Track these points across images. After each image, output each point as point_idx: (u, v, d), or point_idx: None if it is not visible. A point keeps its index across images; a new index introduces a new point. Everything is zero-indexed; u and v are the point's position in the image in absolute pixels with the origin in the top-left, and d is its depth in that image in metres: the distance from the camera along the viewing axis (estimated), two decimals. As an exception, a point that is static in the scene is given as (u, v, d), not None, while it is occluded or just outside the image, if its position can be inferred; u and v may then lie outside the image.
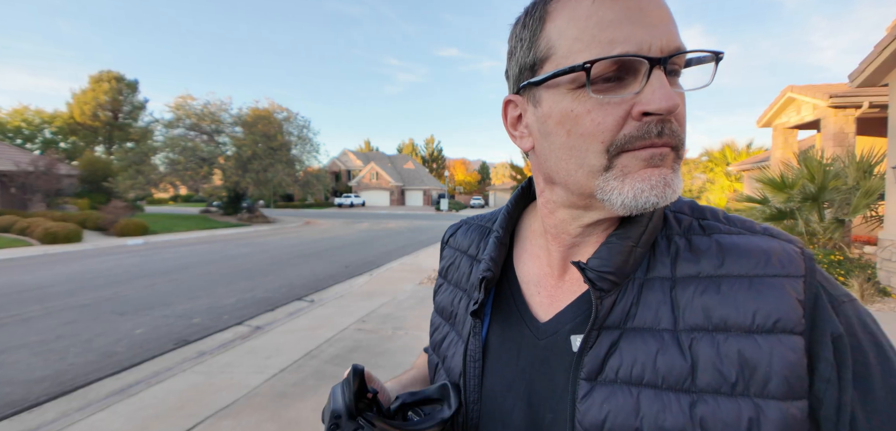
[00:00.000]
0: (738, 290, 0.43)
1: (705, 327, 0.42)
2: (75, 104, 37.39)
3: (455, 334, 0.60)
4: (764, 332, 0.41)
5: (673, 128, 0.42)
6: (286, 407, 3.24)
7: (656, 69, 0.40)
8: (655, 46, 0.40)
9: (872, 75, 6.56)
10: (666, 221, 0.49)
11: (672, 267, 0.46)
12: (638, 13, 0.40)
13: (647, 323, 0.45)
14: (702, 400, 0.41)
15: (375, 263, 10.83)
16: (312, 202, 51.18)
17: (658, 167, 0.42)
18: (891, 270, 6.16)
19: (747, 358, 0.40)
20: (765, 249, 0.44)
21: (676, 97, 0.40)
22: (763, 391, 0.40)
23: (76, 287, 7.85)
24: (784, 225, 8.15)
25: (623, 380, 0.44)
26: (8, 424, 3.20)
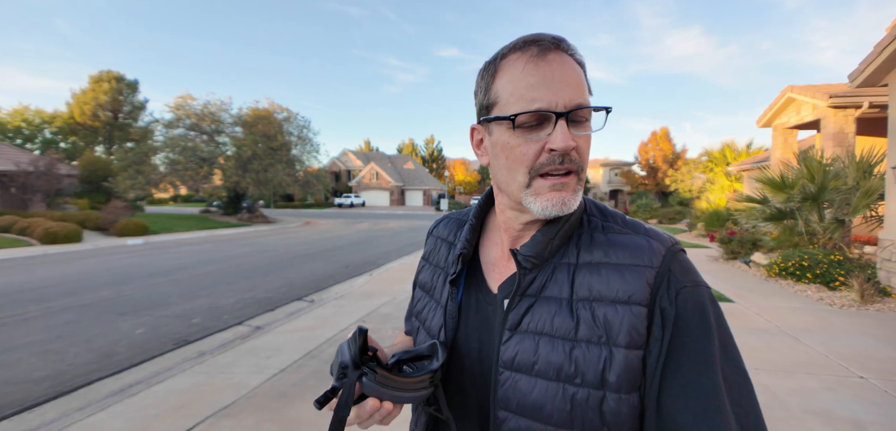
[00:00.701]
0: (611, 274, 0.62)
1: (588, 298, 0.62)
2: (75, 104, 37.36)
3: (434, 302, 0.78)
4: (621, 303, 0.60)
5: (573, 158, 0.61)
6: (286, 407, 3.24)
7: (560, 120, 0.59)
8: (560, 104, 0.59)
9: (872, 75, 6.56)
10: (582, 222, 0.69)
11: (576, 255, 0.66)
12: (550, 80, 0.60)
13: (553, 294, 0.64)
14: (577, 346, 0.60)
15: (375, 263, 10.84)
16: (312, 202, 51.17)
17: (559, 191, 0.62)
18: (891, 270, 6.16)
19: (608, 320, 0.60)
20: (638, 246, 0.63)
21: (574, 139, 0.60)
22: (614, 341, 0.59)
23: (76, 287, 7.86)
24: (784, 226, 8.16)
25: (531, 331, 0.64)
26: (8, 424, 3.20)
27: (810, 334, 4.60)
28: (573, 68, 0.61)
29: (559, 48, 0.61)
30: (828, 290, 6.40)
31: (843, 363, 3.84)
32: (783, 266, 7.05)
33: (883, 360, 3.90)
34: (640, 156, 48.14)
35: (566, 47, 0.62)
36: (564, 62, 0.60)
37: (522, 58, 0.61)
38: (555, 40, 0.61)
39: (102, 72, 37.94)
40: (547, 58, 0.60)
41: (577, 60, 0.63)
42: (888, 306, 5.56)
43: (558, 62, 0.60)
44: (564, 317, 0.62)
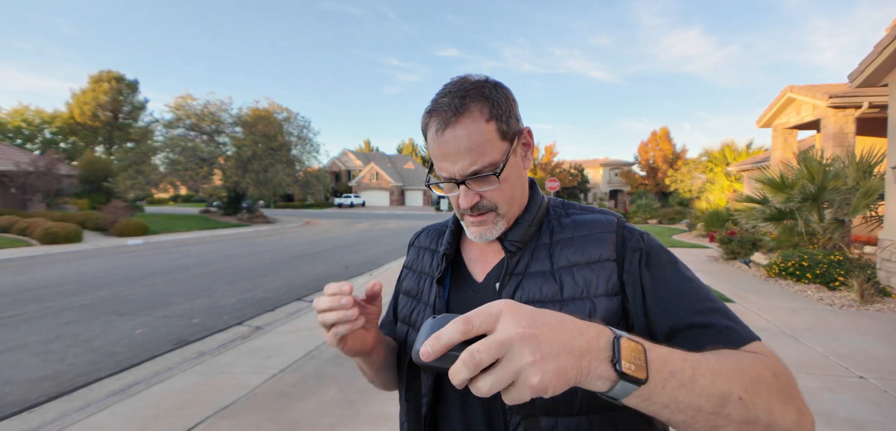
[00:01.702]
0: (581, 243, 0.75)
1: (567, 265, 0.74)
2: (75, 104, 37.36)
3: (422, 305, 0.85)
4: (594, 263, 0.73)
5: (482, 206, 0.75)
6: (286, 407, 3.24)
7: (461, 186, 0.73)
8: (457, 173, 0.72)
9: (872, 75, 6.56)
10: (548, 212, 0.82)
11: (550, 236, 0.78)
12: (446, 155, 0.72)
13: (537, 269, 0.75)
14: (565, 305, 0.70)
15: (375, 263, 10.84)
16: (312, 202, 51.16)
17: (478, 227, 0.76)
18: (891, 270, 6.16)
19: (588, 278, 0.72)
20: (597, 220, 0.78)
21: (476, 195, 0.74)
22: (595, 293, 0.70)
23: (76, 287, 7.86)
24: (784, 226, 8.16)
25: (524, 302, 0.67)
26: (8, 424, 3.20)
27: (810, 334, 4.60)
28: (467, 137, 0.70)
29: (452, 122, 0.70)
30: (828, 290, 6.40)
31: (842, 363, 3.84)
32: (783, 266, 7.05)
33: (883, 360, 3.90)
34: (640, 157, 48.14)
35: (463, 113, 0.70)
36: (458, 136, 0.70)
37: (432, 127, 0.73)
38: (451, 111, 0.70)
39: (102, 73, 37.94)
40: (444, 135, 0.70)
41: (485, 112, 0.71)
42: (888, 306, 5.56)
43: (452, 138, 0.70)
44: (550, 285, 0.73)
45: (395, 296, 0.95)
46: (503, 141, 0.73)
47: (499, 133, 0.72)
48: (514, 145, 0.75)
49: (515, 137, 0.75)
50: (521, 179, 0.79)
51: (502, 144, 0.73)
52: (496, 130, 0.72)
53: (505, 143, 0.73)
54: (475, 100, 0.71)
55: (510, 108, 0.74)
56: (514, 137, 0.75)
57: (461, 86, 0.72)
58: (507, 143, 0.73)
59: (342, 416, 3.09)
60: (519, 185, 0.78)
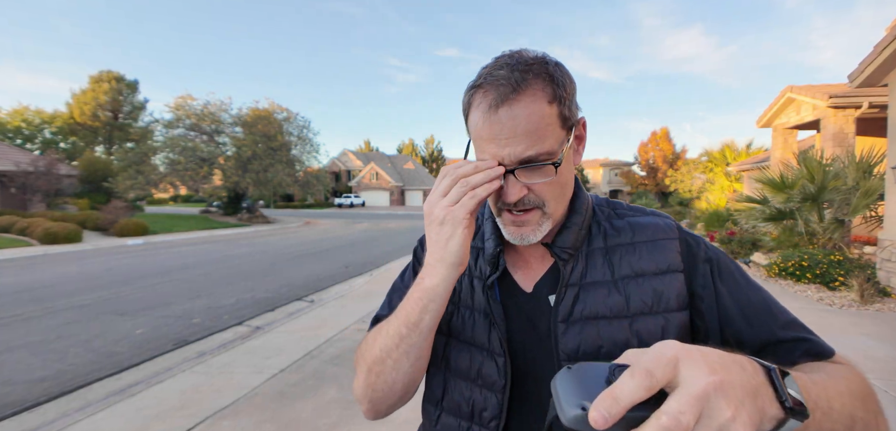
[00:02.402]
0: (646, 250, 0.68)
1: (630, 275, 0.67)
2: (75, 104, 37.35)
3: (464, 309, 0.74)
4: (664, 273, 0.66)
5: (529, 200, 0.64)
6: (286, 407, 3.24)
7: (508, 175, 0.63)
8: (506, 160, 0.62)
9: (872, 75, 6.56)
10: (594, 213, 0.74)
11: (604, 240, 0.71)
12: (497, 136, 0.62)
13: (595, 279, 0.68)
14: (635, 320, 0.64)
15: (375, 263, 10.83)
16: (312, 202, 51.15)
17: (519, 227, 0.66)
18: (891, 270, 6.16)
19: (658, 290, 0.66)
20: (656, 224, 0.71)
21: (524, 188, 0.63)
22: (667, 307, 0.65)
23: (76, 287, 7.85)
24: (784, 226, 8.16)
25: (586, 318, 0.66)
26: (8, 424, 3.20)
27: (810, 334, 4.59)
28: (526, 118, 0.60)
29: (511, 97, 0.60)
30: (827, 290, 6.40)
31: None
32: (783, 266, 7.05)
33: (883, 360, 3.90)
34: (640, 157, 48.15)
35: (524, 89, 0.60)
36: (515, 115, 0.60)
37: (482, 103, 0.63)
38: (510, 87, 0.60)
39: (102, 73, 37.94)
40: (498, 113, 0.61)
41: (547, 92, 0.61)
42: (888, 306, 5.56)
43: (507, 117, 0.60)
44: (614, 297, 0.66)
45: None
46: (562, 129, 0.63)
47: (560, 119, 0.63)
48: (572, 136, 0.66)
49: (573, 127, 0.66)
50: (571, 176, 0.70)
51: (561, 133, 0.63)
52: (558, 115, 0.63)
53: (563, 132, 0.64)
54: (538, 77, 0.61)
55: (572, 93, 0.66)
56: (572, 126, 0.66)
57: (521, 60, 0.63)
58: (566, 132, 0.64)
59: (342, 416, 3.09)
60: (569, 183, 0.69)
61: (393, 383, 0.68)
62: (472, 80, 0.66)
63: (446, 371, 0.74)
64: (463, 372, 0.72)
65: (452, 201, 0.61)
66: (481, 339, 0.71)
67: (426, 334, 0.65)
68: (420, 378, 0.71)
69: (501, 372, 0.68)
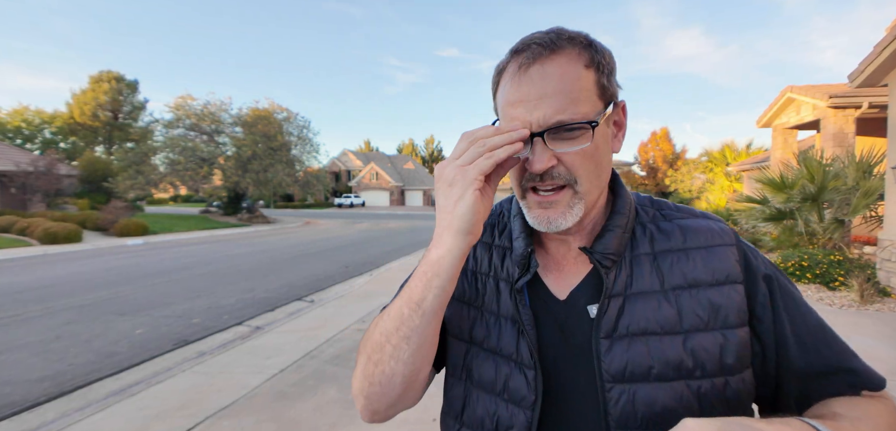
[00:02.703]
0: (701, 257, 0.61)
1: (683, 285, 0.60)
2: (75, 104, 37.37)
3: (489, 314, 0.67)
4: (722, 284, 0.59)
5: (558, 173, 0.57)
6: (286, 407, 3.24)
7: (537, 139, 0.56)
8: (535, 124, 0.56)
9: (872, 75, 6.56)
10: (637, 213, 0.67)
11: (651, 244, 0.63)
12: (526, 98, 0.56)
13: (643, 288, 0.60)
14: (689, 337, 0.58)
15: (375, 263, 10.84)
16: (312, 202, 51.16)
17: (545, 209, 0.60)
18: (891, 270, 6.16)
19: (715, 303, 0.58)
20: (709, 228, 0.64)
21: (554, 158, 0.56)
22: (726, 323, 0.58)
23: (76, 287, 7.85)
24: (784, 226, 8.16)
25: (633, 333, 0.59)
26: (8, 424, 3.20)
27: (810, 334, 4.59)
28: (560, 77, 0.55)
29: (545, 56, 0.56)
30: (827, 290, 6.40)
31: (842, 363, 3.84)
32: (783, 266, 7.05)
33: (883, 360, 3.90)
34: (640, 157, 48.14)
35: (561, 48, 0.56)
36: (547, 74, 0.55)
37: (512, 68, 0.58)
38: (542, 46, 0.56)
39: (102, 73, 37.97)
40: (528, 72, 0.56)
41: (583, 57, 0.57)
42: (888, 306, 5.56)
43: (539, 76, 0.56)
44: (665, 309, 0.58)
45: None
46: (600, 100, 0.58)
47: (598, 87, 0.58)
48: (610, 113, 0.60)
49: (612, 103, 0.60)
50: (609, 160, 0.62)
51: (598, 104, 0.57)
52: (595, 82, 0.57)
53: (601, 104, 0.58)
54: (574, 42, 0.57)
55: (612, 66, 0.60)
56: (611, 102, 0.60)
57: (557, 28, 0.59)
58: (603, 105, 0.58)
59: (342, 416, 3.09)
60: (605, 166, 0.61)
61: (391, 375, 0.60)
62: (501, 59, 0.62)
63: (468, 382, 0.67)
64: (487, 384, 0.64)
65: (466, 162, 0.54)
66: (508, 348, 0.64)
67: (430, 317, 0.57)
68: (423, 374, 0.63)
69: (531, 387, 0.61)
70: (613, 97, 0.60)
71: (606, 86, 0.59)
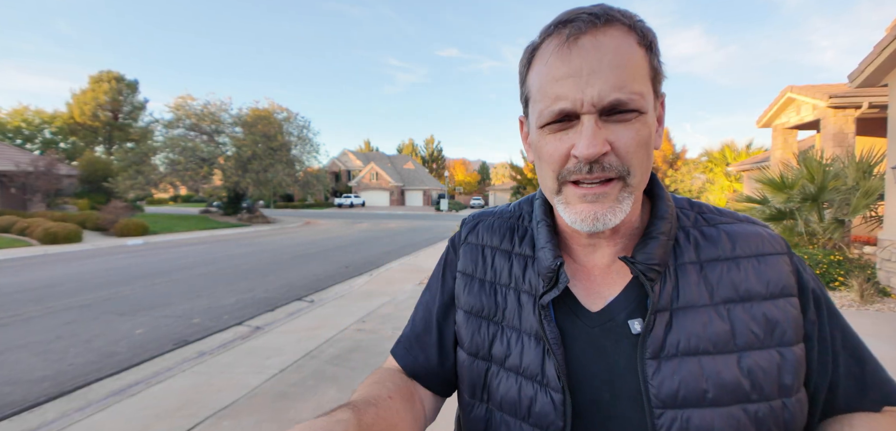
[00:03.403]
0: (753, 267, 0.55)
1: (734, 298, 0.54)
2: (75, 104, 37.36)
3: (510, 330, 0.61)
4: (777, 297, 0.54)
5: (609, 164, 0.51)
6: (286, 408, 3.24)
7: (588, 119, 0.49)
8: (587, 102, 0.49)
9: (872, 75, 6.56)
10: (678, 217, 0.61)
11: (696, 252, 0.57)
12: (578, 72, 0.49)
13: (690, 302, 0.54)
14: (744, 356, 0.52)
15: (375, 263, 10.83)
16: (312, 202, 51.15)
17: (591, 204, 0.52)
18: (891, 270, 6.16)
19: (769, 318, 0.53)
20: (758, 234, 0.58)
21: (606, 144, 0.49)
22: (783, 340, 0.53)
23: (76, 287, 7.85)
24: (784, 226, 8.15)
25: (683, 352, 0.53)
26: (8, 424, 3.20)
27: (810, 334, 4.59)
28: (615, 50, 0.49)
29: (597, 26, 0.50)
30: (827, 290, 6.40)
31: (842, 363, 3.84)
32: (783, 266, 7.05)
33: (883, 360, 3.89)
34: (640, 157, 48.14)
35: (613, 20, 0.50)
36: (601, 45, 0.49)
37: (554, 42, 0.51)
38: (594, 16, 0.50)
39: (102, 73, 37.95)
40: (578, 43, 0.49)
41: (634, 35, 0.51)
42: (888, 306, 5.56)
43: (592, 47, 0.49)
44: (716, 324, 0.53)
45: (442, 309, 0.68)
46: (651, 85, 0.53)
47: (651, 70, 0.52)
48: (657, 103, 0.55)
49: (659, 93, 0.55)
50: (653, 154, 0.56)
51: (650, 90, 0.52)
52: (648, 64, 0.52)
53: (652, 91, 0.53)
54: (624, 18, 0.51)
55: (659, 51, 0.55)
56: (658, 92, 0.55)
57: (603, 4, 0.53)
58: (653, 91, 0.53)
59: (342, 416, 3.09)
60: (652, 161, 0.56)
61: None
62: (534, 40, 0.56)
63: (489, 404, 0.61)
64: (510, 407, 0.59)
65: None
66: (533, 369, 0.58)
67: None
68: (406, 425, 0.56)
69: (559, 412, 0.55)
70: (660, 85, 0.55)
71: (657, 71, 0.54)
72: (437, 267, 0.73)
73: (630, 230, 0.60)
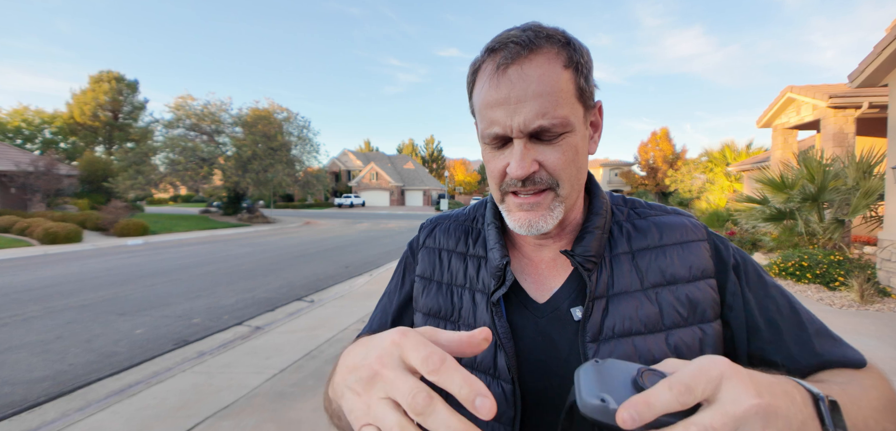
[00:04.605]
0: (677, 253, 0.61)
1: (661, 282, 0.60)
2: (75, 104, 37.35)
3: (465, 328, 0.65)
4: (698, 279, 0.60)
5: (539, 178, 0.57)
6: (286, 408, 3.24)
7: (517, 143, 0.55)
8: (516, 128, 0.55)
9: (872, 75, 6.56)
10: (613, 212, 0.67)
11: (628, 243, 0.63)
12: (506, 100, 0.55)
13: (624, 288, 0.60)
14: (671, 334, 0.58)
15: (375, 263, 10.83)
16: (312, 202, 51.16)
17: (527, 212, 0.59)
18: (891, 270, 6.16)
19: (691, 299, 0.59)
20: (683, 224, 0.64)
21: (535, 163, 0.56)
22: (703, 318, 0.59)
23: (76, 287, 7.85)
24: (784, 226, 8.16)
25: (619, 334, 0.58)
26: (8, 424, 3.20)
27: (810, 334, 4.58)
28: (539, 79, 0.54)
29: (523, 56, 0.54)
30: (827, 290, 6.40)
31: (842, 363, 3.84)
32: (783, 266, 7.05)
33: (883, 360, 3.90)
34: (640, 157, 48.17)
35: (539, 48, 0.55)
36: (526, 76, 0.54)
37: (489, 67, 0.57)
38: (520, 45, 0.54)
39: (102, 73, 37.93)
40: (507, 73, 0.55)
41: (561, 57, 0.56)
42: (888, 306, 5.56)
43: (518, 78, 0.54)
44: (647, 307, 0.59)
45: (398, 309, 0.73)
46: (578, 102, 0.57)
47: (576, 89, 0.57)
48: (588, 115, 0.60)
49: (591, 105, 0.60)
50: (586, 162, 0.62)
51: (577, 107, 0.57)
52: (574, 84, 0.56)
53: (580, 105, 0.58)
54: (553, 40, 0.56)
55: (590, 67, 0.59)
56: (589, 103, 0.60)
57: (534, 25, 0.57)
58: (582, 108, 0.58)
59: (342, 416, 3.09)
60: (584, 168, 0.62)
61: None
62: (477, 56, 0.60)
63: (448, 399, 0.61)
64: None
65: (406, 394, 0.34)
66: (486, 363, 0.63)
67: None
68: None
69: (509, 402, 0.60)
70: (591, 98, 0.60)
71: (585, 88, 0.58)
72: (397, 269, 0.78)
73: (574, 227, 0.66)
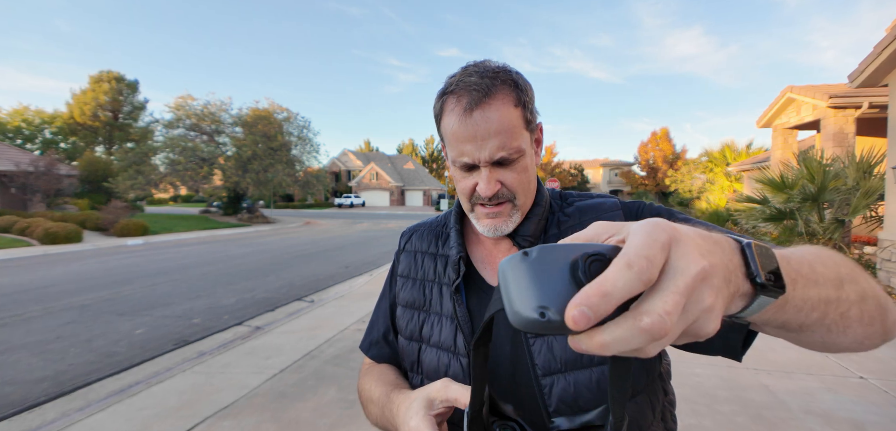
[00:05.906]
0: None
1: None
2: (75, 104, 37.35)
3: (434, 316, 0.79)
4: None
5: (501, 194, 0.71)
6: (286, 408, 3.24)
7: (484, 170, 0.70)
8: (483, 159, 0.69)
9: (872, 75, 6.56)
10: (550, 206, 0.80)
11: (558, 228, 0.77)
12: (473, 137, 0.68)
13: None
14: None
15: (375, 263, 10.83)
16: (312, 202, 51.15)
17: (492, 219, 0.73)
18: (891, 270, 6.16)
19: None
20: (601, 204, 0.79)
21: (498, 183, 0.70)
22: None
23: (76, 287, 7.85)
24: (784, 226, 8.16)
25: None
26: (8, 424, 3.20)
27: (810, 334, 4.59)
28: (498, 120, 0.67)
29: (483, 102, 0.67)
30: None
31: (842, 363, 3.84)
32: (783, 266, 7.04)
33: (883, 360, 3.90)
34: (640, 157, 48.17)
35: (495, 92, 0.67)
36: (489, 119, 0.67)
37: (456, 107, 0.69)
38: (480, 92, 0.67)
39: (102, 73, 37.92)
40: (472, 116, 0.67)
41: (512, 96, 0.69)
42: (888, 306, 5.56)
43: (482, 120, 0.67)
44: None
45: (390, 309, 0.88)
46: (526, 130, 0.72)
47: (524, 121, 0.71)
48: (533, 137, 0.75)
49: (534, 129, 0.75)
50: (535, 174, 0.77)
51: (525, 133, 0.72)
52: (522, 117, 0.71)
53: (527, 133, 0.72)
54: (505, 83, 0.69)
55: (533, 98, 0.74)
56: (533, 129, 0.75)
57: (487, 68, 0.70)
58: (529, 133, 0.73)
59: (342, 416, 3.09)
60: (534, 179, 0.77)
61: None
62: (441, 88, 0.73)
63: (422, 375, 0.79)
64: (433, 374, 0.77)
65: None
66: (448, 342, 0.76)
67: None
68: None
69: (467, 373, 0.73)
70: (534, 122, 0.74)
71: (530, 118, 0.72)
72: (388, 274, 0.93)
73: (522, 218, 0.79)
